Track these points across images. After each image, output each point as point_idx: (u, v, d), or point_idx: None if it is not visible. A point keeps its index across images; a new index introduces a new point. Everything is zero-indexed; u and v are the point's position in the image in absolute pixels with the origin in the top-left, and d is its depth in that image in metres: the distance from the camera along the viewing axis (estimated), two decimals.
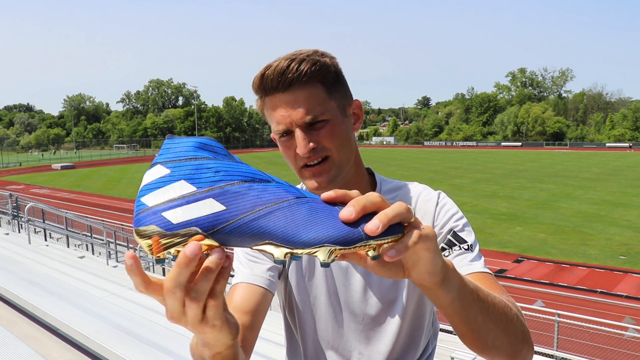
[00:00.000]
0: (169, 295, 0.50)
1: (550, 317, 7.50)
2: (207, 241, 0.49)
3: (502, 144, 73.36)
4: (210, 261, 0.49)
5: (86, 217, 13.75)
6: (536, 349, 6.66)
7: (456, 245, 0.95)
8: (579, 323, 7.32)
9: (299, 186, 1.12)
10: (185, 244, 0.48)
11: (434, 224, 0.99)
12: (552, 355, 6.93)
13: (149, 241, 0.48)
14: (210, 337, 0.55)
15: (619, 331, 7.21)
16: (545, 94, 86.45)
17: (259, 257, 1.00)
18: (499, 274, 12.58)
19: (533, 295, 10.55)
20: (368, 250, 0.53)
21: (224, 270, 0.51)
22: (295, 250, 0.50)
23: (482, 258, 0.95)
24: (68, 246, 10.15)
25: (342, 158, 0.93)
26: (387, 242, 0.52)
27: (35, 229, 10.97)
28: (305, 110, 0.88)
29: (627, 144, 63.59)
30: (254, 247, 0.50)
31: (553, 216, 19.53)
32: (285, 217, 0.50)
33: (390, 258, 0.52)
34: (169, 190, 0.49)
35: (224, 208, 0.49)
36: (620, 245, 15.13)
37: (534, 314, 7.93)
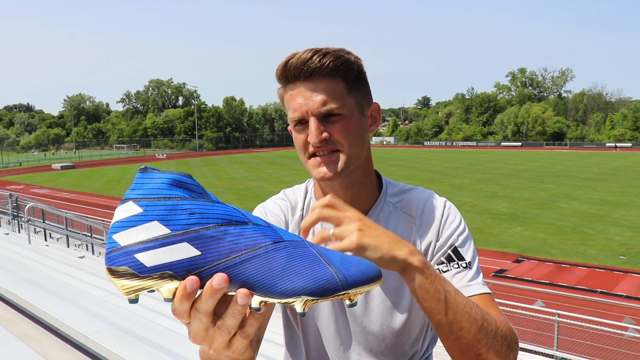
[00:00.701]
0: (194, 320, 0.50)
1: (550, 317, 7.50)
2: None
3: (502, 144, 73.37)
4: (210, 286, 0.48)
5: (86, 217, 13.75)
6: (536, 349, 6.66)
7: (455, 261, 0.96)
8: (579, 323, 7.32)
9: (306, 184, 1.13)
10: (157, 287, 0.47)
11: (438, 235, 1.00)
12: (552, 355, 6.93)
13: (122, 282, 0.47)
14: (231, 356, 0.55)
15: (619, 331, 7.21)
16: (545, 94, 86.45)
17: None
18: (499, 274, 12.59)
19: (533, 295, 10.55)
20: (345, 299, 0.52)
21: (257, 315, 0.52)
22: (271, 300, 0.50)
23: (481, 275, 0.96)
24: (68, 246, 10.15)
25: (352, 154, 0.93)
26: (365, 289, 0.52)
27: (35, 229, 10.96)
28: (322, 101, 0.89)
29: (612, 144, 63.94)
30: (229, 293, 0.50)
31: (553, 216, 19.53)
32: (262, 266, 0.49)
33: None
34: (142, 231, 0.47)
35: (199, 253, 0.47)
36: (620, 245, 15.13)
37: (534, 314, 7.93)
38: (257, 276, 0.49)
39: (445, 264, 0.96)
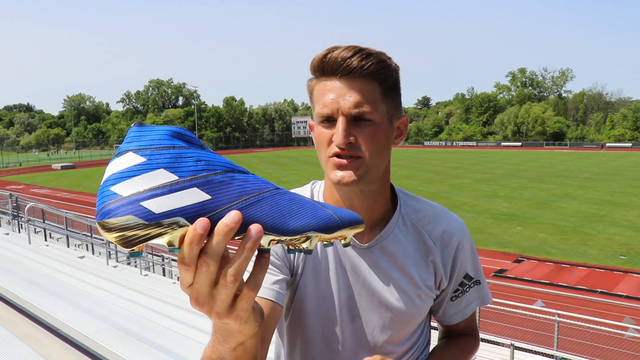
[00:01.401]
0: (201, 271, 0.47)
1: (550, 317, 7.50)
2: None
3: (502, 144, 73.38)
4: (224, 224, 0.46)
5: (86, 217, 13.75)
6: (536, 349, 6.66)
7: (467, 285, 1.08)
8: (579, 323, 7.32)
9: (310, 186, 1.11)
10: (163, 236, 0.46)
11: (453, 262, 1.05)
12: (552, 355, 6.93)
13: (125, 233, 0.44)
14: (233, 326, 0.53)
15: (619, 331, 7.21)
16: (545, 94, 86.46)
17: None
18: (499, 274, 12.59)
19: (533, 295, 10.55)
20: (340, 239, 0.56)
21: (264, 260, 0.51)
22: (280, 238, 0.51)
23: (485, 281, 1.12)
24: (68, 246, 10.15)
25: (373, 164, 0.90)
26: (355, 231, 0.57)
27: (35, 229, 10.97)
28: (355, 102, 0.86)
29: (598, 144, 64.40)
30: (236, 238, 0.49)
31: (553, 216, 19.54)
32: (271, 207, 0.50)
33: None
34: (147, 179, 0.45)
35: (210, 197, 0.47)
36: (620, 245, 15.13)
37: (534, 314, 7.94)
38: (268, 216, 0.50)
39: (460, 290, 1.08)
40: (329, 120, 0.89)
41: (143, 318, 4.72)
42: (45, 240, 10.30)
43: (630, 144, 63.71)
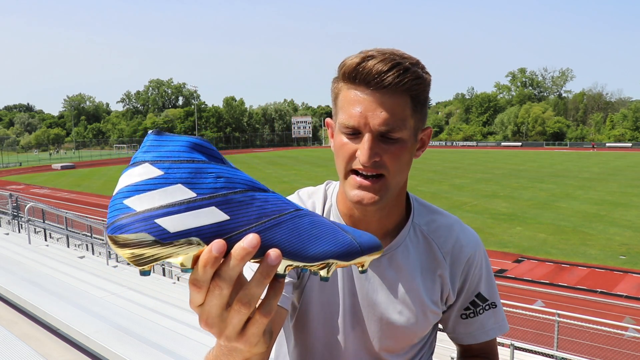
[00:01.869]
0: (213, 294, 0.45)
1: (550, 317, 7.50)
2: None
3: (502, 144, 73.40)
4: (241, 247, 0.44)
5: (86, 217, 13.75)
6: (536, 349, 6.66)
7: (480, 306, 1.04)
8: (579, 323, 7.32)
9: (325, 187, 1.09)
10: (176, 255, 0.43)
11: (465, 277, 1.02)
12: (552, 355, 6.93)
13: (135, 251, 0.42)
14: (242, 349, 0.51)
15: (619, 331, 7.21)
16: (545, 94, 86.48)
17: None
18: (499, 274, 12.59)
19: (533, 295, 10.56)
20: (358, 265, 0.54)
21: (278, 285, 0.49)
22: (298, 264, 0.49)
23: (500, 311, 1.07)
24: (68, 246, 10.15)
25: (395, 182, 0.88)
26: (374, 257, 0.55)
27: (35, 229, 10.97)
28: (384, 120, 0.81)
29: (589, 144, 64.74)
30: (253, 261, 0.47)
31: (553, 216, 19.54)
32: (291, 230, 0.48)
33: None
34: (163, 195, 0.42)
35: (228, 218, 0.44)
36: (620, 245, 15.14)
37: (534, 314, 7.94)
38: (287, 241, 0.47)
39: (471, 310, 1.03)
40: (354, 133, 0.85)
41: (143, 318, 4.72)
42: (45, 240, 10.30)
43: (630, 144, 63.71)
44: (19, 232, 10.40)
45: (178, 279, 8.88)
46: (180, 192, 0.43)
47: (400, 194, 0.97)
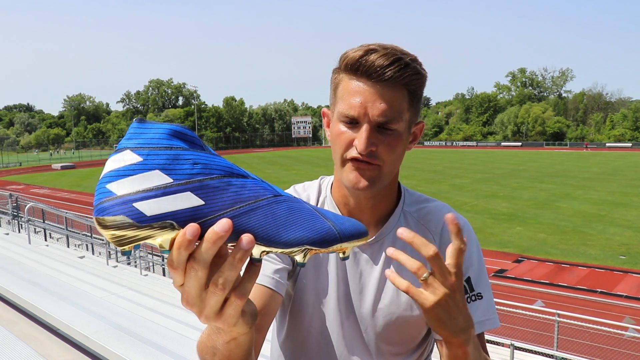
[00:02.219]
0: (190, 275, 0.47)
1: (550, 317, 7.50)
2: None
3: (502, 144, 73.40)
4: (213, 231, 0.46)
5: (86, 217, 13.74)
6: (536, 349, 6.66)
7: (467, 294, 0.96)
8: (579, 323, 7.32)
9: (319, 182, 1.11)
10: (154, 237, 0.46)
11: None
12: (552, 355, 6.93)
13: (116, 232, 0.45)
14: (222, 328, 0.54)
15: (619, 331, 7.21)
16: (545, 94, 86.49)
17: (266, 258, 0.97)
18: (499, 274, 12.59)
19: (533, 295, 10.56)
20: (339, 252, 0.55)
21: (254, 268, 0.51)
22: (272, 249, 0.50)
23: (492, 303, 0.99)
24: (68, 246, 10.15)
25: (388, 171, 0.92)
26: (356, 244, 0.55)
27: (35, 229, 10.97)
28: (383, 111, 0.85)
29: (583, 144, 64.96)
30: (228, 244, 0.49)
31: (553, 216, 19.54)
32: (266, 216, 0.49)
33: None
34: (142, 180, 0.45)
35: (203, 203, 0.47)
36: (620, 245, 15.13)
37: (534, 314, 7.94)
38: (261, 226, 0.49)
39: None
40: (352, 123, 0.88)
41: (143, 318, 4.73)
42: (45, 240, 10.30)
43: (630, 144, 63.72)
44: (19, 232, 10.40)
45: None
46: (158, 178, 0.45)
47: (392, 184, 1.01)
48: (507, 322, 8.06)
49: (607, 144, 65.15)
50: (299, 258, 0.52)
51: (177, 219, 0.46)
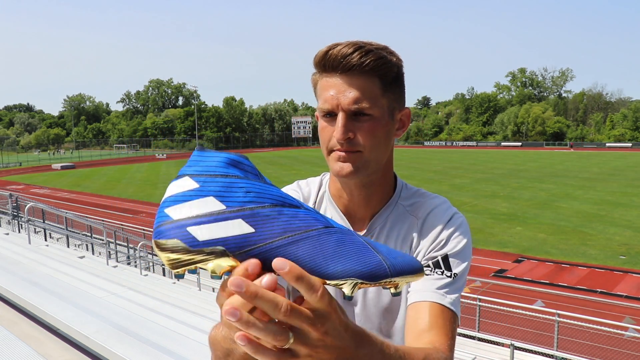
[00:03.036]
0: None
1: (550, 317, 7.50)
2: (231, 261, 0.48)
3: (502, 144, 73.38)
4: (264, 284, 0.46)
5: (86, 217, 13.76)
6: (536, 349, 6.66)
7: (441, 269, 0.92)
8: (579, 323, 7.32)
9: (321, 177, 1.13)
10: (206, 262, 0.47)
11: (435, 240, 0.97)
12: (552, 355, 6.93)
13: (170, 255, 0.47)
14: None
15: (619, 331, 7.22)
16: (545, 94, 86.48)
17: None
18: (499, 274, 12.59)
19: (533, 295, 10.56)
20: (390, 287, 0.54)
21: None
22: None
23: (458, 294, 0.92)
24: (68, 246, 10.15)
25: (372, 157, 0.92)
26: (409, 280, 0.54)
27: (35, 229, 10.97)
28: (355, 98, 0.87)
29: (567, 144, 65.16)
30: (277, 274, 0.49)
31: (553, 216, 19.54)
32: (314, 247, 0.50)
33: None
34: (197, 205, 0.47)
35: (253, 230, 0.48)
36: (620, 245, 15.13)
37: (534, 314, 7.94)
38: (309, 257, 0.49)
39: (429, 268, 0.93)
40: (330, 115, 0.91)
41: (143, 318, 4.72)
42: (45, 240, 10.30)
43: (630, 144, 63.72)
44: (19, 232, 10.39)
45: (178, 279, 8.89)
46: (212, 204, 0.48)
47: (386, 175, 1.01)
48: (507, 322, 8.07)
49: (607, 144, 65.14)
50: (346, 290, 0.51)
51: (228, 245, 0.47)
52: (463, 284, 0.94)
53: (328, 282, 0.50)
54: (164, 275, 9.63)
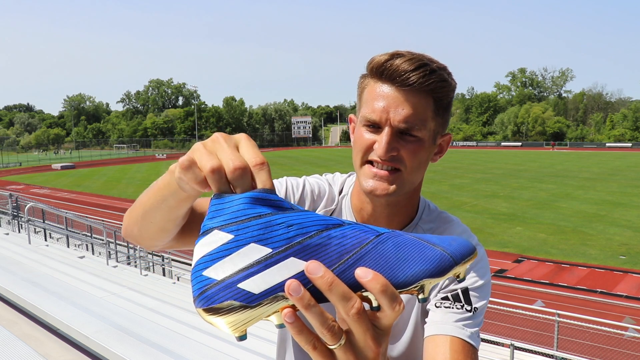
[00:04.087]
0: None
1: (550, 317, 7.50)
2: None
3: (502, 144, 73.37)
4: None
5: (86, 217, 13.76)
6: (536, 349, 6.66)
7: (461, 302, 0.89)
8: (579, 323, 7.31)
9: (346, 177, 1.07)
10: (268, 314, 0.43)
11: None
12: (552, 355, 6.93)
13: (227, 318, 0.42)
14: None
15: (619, 331, 7.21)
16: (545, 94, 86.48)
17: None
18: (499, 274, 12.59)
19: (533, 295, 10.55)
20: (455, 275, 0.50)
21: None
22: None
23: (478, 328, 0.89)
24: (68, 246, 10.15)
25: (410, 179, 0.88)
26: (468, 264, 0.50)
27: (35, 229, 10.96)
28: (406, 117, 0.83)
29: (550, 144, 65.01)
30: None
31: (553, 216, 19.53)
32: (376, 261, 0.46)
33: None
34: (239, 258, 0.42)
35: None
36: (620, 245, 15.13)
37: (534, 314, 7.93)
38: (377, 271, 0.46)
39: (449, 301, 0.89)
40: (374, 127, 0.86)
41: (143, 318, 4.73)
42: (45, 240, 10.30)
43: (630, 144, 63.70)
44: (19, 232, 10.39)
45: (178, 279, 8.89)
46: (255, 251, 0.43)
47: (413, 196, 0.97)
48: (507, 322, 8.06)
49: (607, 144, 65.12)
50: (420, 295, 0.48)
51: None
52: (482, 320, 0.91)
53: (401, 290, 0.47)
54: (163, 275, 9.64)
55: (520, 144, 71.57)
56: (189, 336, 4.22)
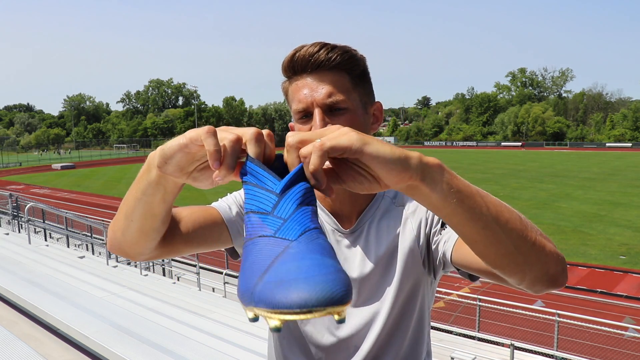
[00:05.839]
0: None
1: (550, 317, 7.50)
2: None
3: (502, 144, 73.35)
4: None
5: (86, 217, 13.75)
6: (536, 349, 6.66)
7: (445, 227, 0.95)
8: (579, 323, 7.31)
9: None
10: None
11: (428, 217, 0.98)
12: (552, 355, 6.93)
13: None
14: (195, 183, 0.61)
15: (619, 331, 7.21)
16: (545, 94, 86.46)
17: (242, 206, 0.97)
18: None
19: (533, 295, 10.55)
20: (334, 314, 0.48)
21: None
22: None
23: None
24: (68, 246, 10.15)
25: None
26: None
27: (35, 229, 10.96)
28: (328, 92, 0.88)
29: (518, 144, 64.67)
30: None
31: (553, 216, 19.53)
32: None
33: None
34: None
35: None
36: (620, 245, 15.13)
37: (534, 314, 7.93)
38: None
39: (444, 228, 0.95)
40: (306, 116, 0.90)
41: (143, 318, 4.73)
42: (45, 240, 10.29)
43: (630, 144, 63.70)
44: (19, 232, 10.39)
45: (178, 279, 8.89)
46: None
47: None
48: (507, 322, 8.06)
49: (607, 144, 65.12)
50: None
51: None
52: None
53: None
54: (164, 275, 9.64)
55: (520, 144, 71.47)
56: (189, 336, 4.22)
